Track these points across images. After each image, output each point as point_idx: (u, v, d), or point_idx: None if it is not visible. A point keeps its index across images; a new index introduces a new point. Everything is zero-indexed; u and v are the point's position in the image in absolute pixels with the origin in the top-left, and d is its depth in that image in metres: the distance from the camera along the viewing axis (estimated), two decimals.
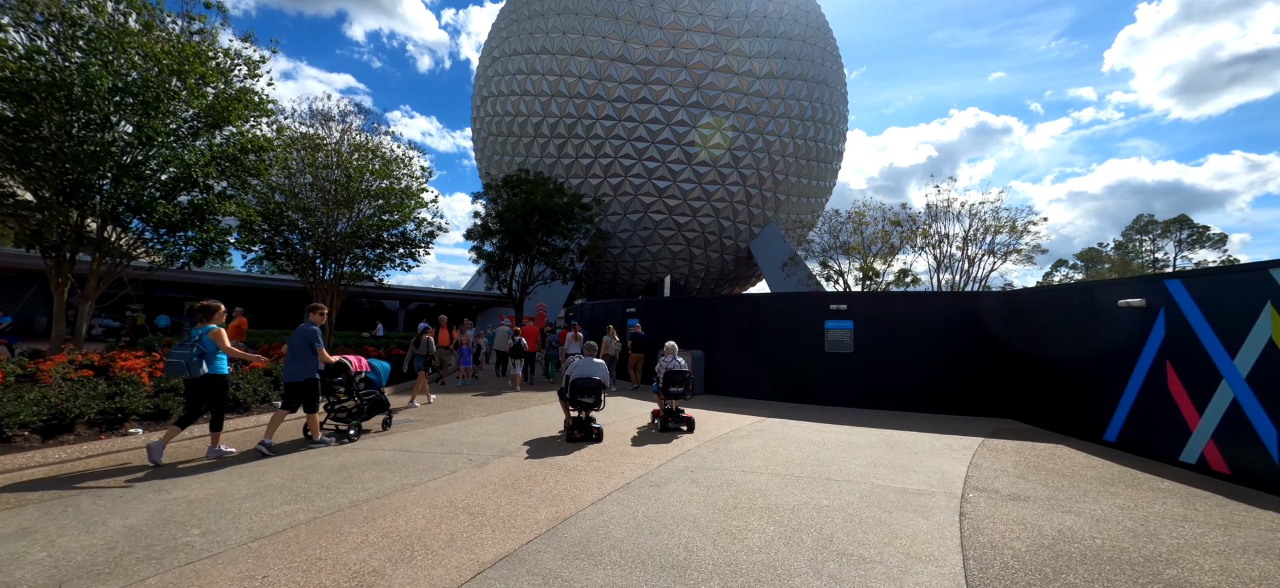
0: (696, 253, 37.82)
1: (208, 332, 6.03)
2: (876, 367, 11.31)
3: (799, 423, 9.34)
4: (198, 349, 5.89)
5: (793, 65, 36.17)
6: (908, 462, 6.74)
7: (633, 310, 15.26)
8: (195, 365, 5.83)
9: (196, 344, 5.92)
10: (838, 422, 9.60)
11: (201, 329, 6.06)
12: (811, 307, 12.02)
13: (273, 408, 8.72)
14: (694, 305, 14.00)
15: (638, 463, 6.30)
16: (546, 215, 25.78)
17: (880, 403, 11.21)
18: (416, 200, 13.70)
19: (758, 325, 12.51)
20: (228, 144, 9.78)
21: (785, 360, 12.14)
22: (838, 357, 11.61)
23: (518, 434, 7.85)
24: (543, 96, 35.39)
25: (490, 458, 6.42)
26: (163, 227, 9.27)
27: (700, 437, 7.94)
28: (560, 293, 33.30)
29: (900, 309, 11.37)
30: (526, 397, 11.93)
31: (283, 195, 12.40)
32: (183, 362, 5.79)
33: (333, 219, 13.00)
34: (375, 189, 12.78)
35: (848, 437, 8.23)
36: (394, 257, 14.53)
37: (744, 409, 10.81)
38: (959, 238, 31.01)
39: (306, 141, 12.50)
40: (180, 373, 5.81)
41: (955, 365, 10.81)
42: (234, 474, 5.53)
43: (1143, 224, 44.73)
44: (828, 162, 39.71)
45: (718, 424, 9.02)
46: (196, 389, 6.00)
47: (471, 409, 10.10)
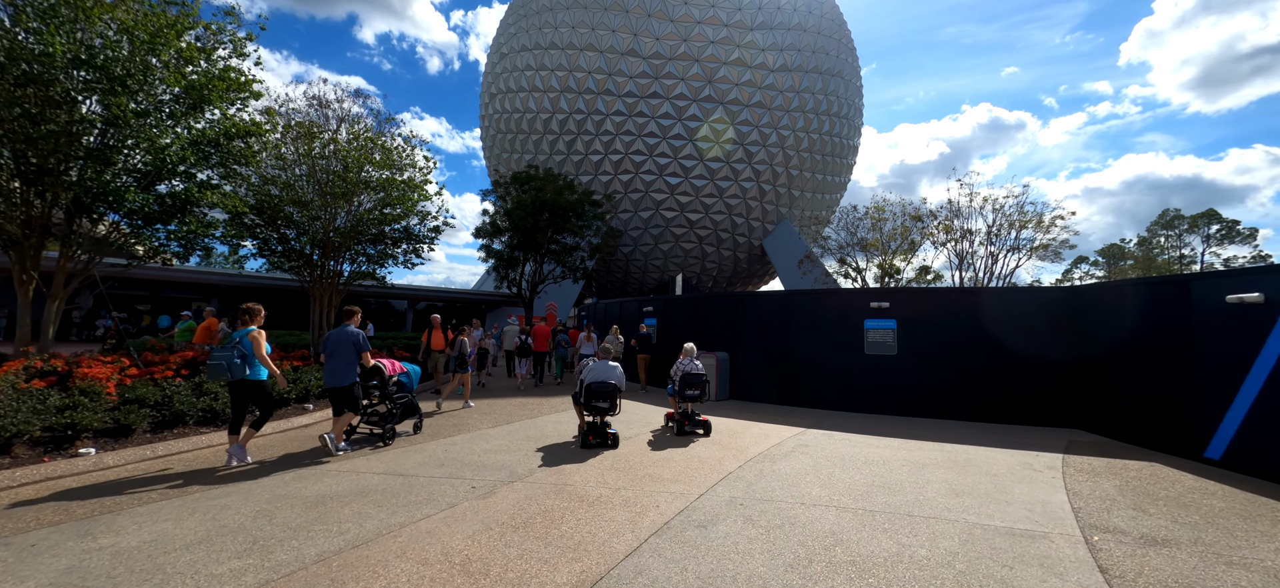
0: (709, 250, 36.64)
1: (248, 334, 5.89)
2: (922, 371, 10.14)
3: (845, 435, 8.20)
4: (238, 351, 5.75)
5: (807, 57, 34.89)
6: (991, 488, 5.60)
7: (650, 309, 14.16)
8: (237, 367, 5.69)
9: (237, 346, 5.77)
10: (887, 433, 8.45)
11: (242, 332, 5.93)
12: (850, 305, 10.86)
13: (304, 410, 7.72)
14: (717, 304, 12.88)
15: (673, 492, 5.21)
16: (556, 213, 24.74)
17: (927, 411, 10.04)
18: (420, 193, 12.69)
19: (789, 325, 11.37)
20: (211, 129, 8.80)
21: (820, 364, 10.99)
22: (879, 360, 10.45)
23: (529, 449, 6.79)
24: (552, 92, 34.35)
25: (497, 484, 5.36)
26: (136, 218, 8.29)
27: (738, 454, 6.84)
28: (570, 292, 32.28)
29: (948, 307, 10.19)
30: (537, 403, 10.87)
31: (278, 188, 11.42)
32: (224, 364, 5.65)
33: (331, 213, 12.01)
34: (376, 180, 11.77)
35: (907, 453, 7.08)
36: (397, 253, 13.52)
37: (778, 418, 9.68)
38: (981, 234, 29.67)
39: (301, 130, 11.51)
40: (221, 375, 5.68)
41: (1011, 369, 9.61)
42: (188, 508, 4.50)
43: (1169, 219, 42.97)
44: (842, 156, 38.37)
45: (754, 438, 7.90)
46: (239, 392, 5.93)
47: (478, 419, 9.05)
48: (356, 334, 6.59)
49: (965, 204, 29.77)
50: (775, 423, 9.17)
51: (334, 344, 6.55)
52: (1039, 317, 9.55)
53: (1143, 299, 8.02)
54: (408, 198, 12.41)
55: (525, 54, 35.46)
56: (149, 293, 26.50)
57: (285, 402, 8.56)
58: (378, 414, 7.10)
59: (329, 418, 8.39)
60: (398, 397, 7.25)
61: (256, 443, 6.92)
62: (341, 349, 6.51)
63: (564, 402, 11.05)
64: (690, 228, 35.43)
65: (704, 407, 10.53)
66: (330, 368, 6.50)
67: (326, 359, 6.55)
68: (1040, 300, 9.73)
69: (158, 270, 26.59)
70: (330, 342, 6.59)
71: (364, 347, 6.61)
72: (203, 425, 7.11)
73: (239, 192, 11.35)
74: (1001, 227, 29.44)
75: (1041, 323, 9.52)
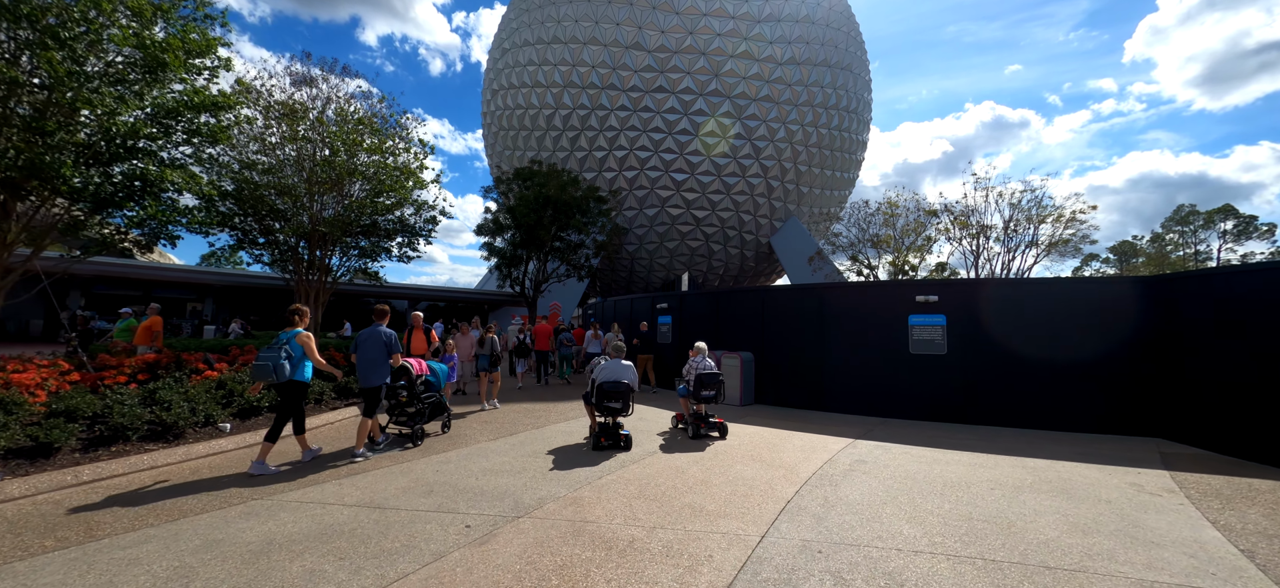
0: (715, 248, 35.40)
1: (295, 335, 5.67)
2: (977, 372, 8.91)
3: (904, 449, 6.97)
4: (285, 352, 5.53)
5: (815, 51, 33.67)
6: (1119, 522, 4.38)
7: (664, 306, 12.94)
8: (283, 369, 5.44)
9: (283, 347, 5.56)
10: (947, 444, 7.22)
11: (289, 333, 5.71)
12: (893, 299, 9.63)
13: (219, 431, 6.52)
14: (740, 300, 11.64)
15: (724, 532, 3.99)
16: (560, 209, 23.51)
17: (984, 417, 8.81)
18: (415, 180, 11.47)
19: (823, 323, 10.13)
20: (172, 100, 7.59)
21: (859, 365, 9.75)
22: (926, 360, 9.22)
23: (537, 468, 5.58)
24: (555, 88, 33.17)
25: (499, 520, 4.14)
26: (80, 200, 7.08)
27: (788, 474, 5.61)
28: (574, 292, 31.06)
29: (1005, 300, 8.95)
30: (544, 409, 9.65)
31: (259, 174, 10.21)
32: (269, 365, 5.40)
33: (321, 203, 10.81)
34: (365, 165, 10.57)
35: (988, 472, 5.85)
36: (391, 247, 12.31)
37: (816, 426, 8.46)
38: (998, 229, 28.45)
39: (284, 110, 10.32)
40: (266, 376, 5.42)
41: (1081, 370, 8.38)
42: (77, 569, 3.29)
43: (1183, 215, 41.58)
44: (851, 152, 37.11)
45: (799, 451, 6.67)
46: (286, 394, 5.70)
47: (478, 429, 7.84)
48: (389, 334, 6.44)
49: (979, 200, 28.60)
50: (816, 432, 7.94)
51: (365, 344, 6.34)
52: (1111, 311, 8.32)
53: (1257, 289, 6.79)
54: (402, 186, 11.20)
55: (528, 49, 34.31)
56: (142, 292, 25.32)
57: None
58: (407, 414, 6.84)
59: (309, 428, 7.21)
60: (426, 396, 7.01)
61: (225, 459, 5.72)
62: (373, 350, 6.30)
63: (572, 407, 9.84)
64: (696, 225, 34.23)
65: (726, 412, 9.34)
66: (361, 368, 6.29)
67: (357, 359, 6.34)
68: (1113, 292, 8.49)
69: (150, 269, 25.41)
70: (361, 342, 6.38)
71: (395, 347, 6.45)
72: (149, 442, 5.90)
73: (216, 177, 10.16)
74: (1018, 222, 28.24)
75: (1114, 318, 8.29)
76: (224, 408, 6.98)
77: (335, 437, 7.09)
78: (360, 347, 6.36)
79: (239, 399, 7.19)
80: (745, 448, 6.81)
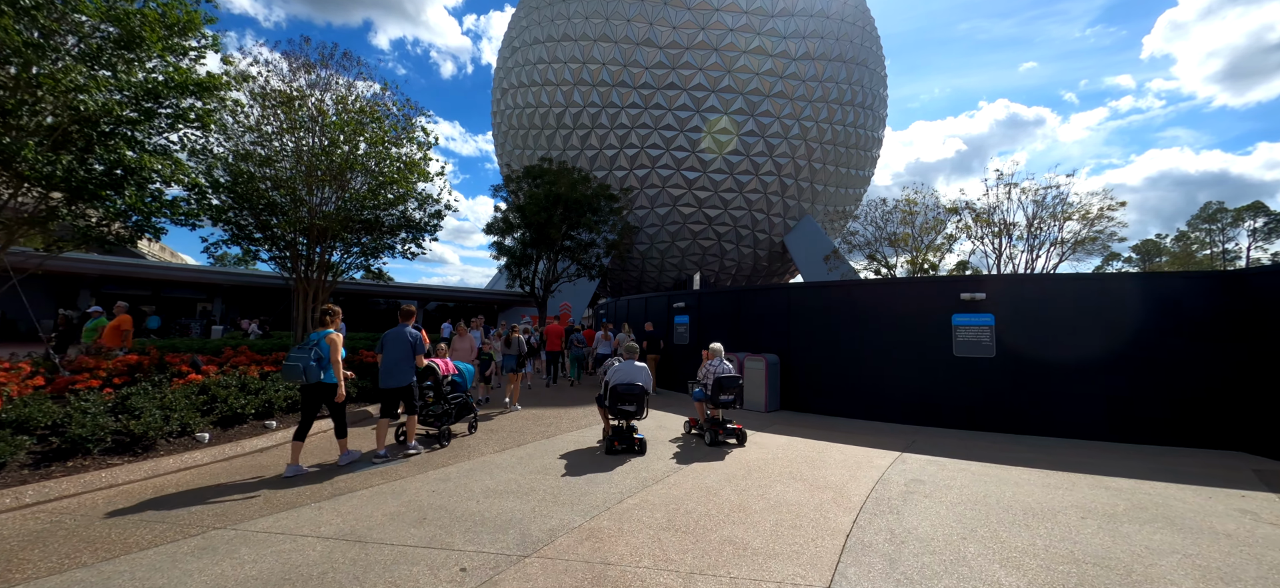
0: (727, 248, 34.53)
1: (325, 336, 5.54)
2: (1029, 377, 8.02)
3: (959, 464, 6.12)
4: (315, 353, 5.40)
5: (830, 45, 32.71)
6: (1255, 567, 3.53)
7: (681, 305, 12.14)
8: (312, 370, 5.32)
9: (314, 348, 5.44)
10: (1006, 459, 6.36)
11: (320, 333, 5.57)
12: (933, 297, 8.76)
13: (196, 442, 5.83)
14: (764, 298, 10.80)
15: (780, 581, 3.19)
16: (571, 207, 22.79)
17: (1036, 427, 7.92)
18: (419, 173, 10.77)
19: (856, 322, 9.28)
20: (152, 81, 6.93)
21: (896, 369, 8.89)
22: (972, 363, 8.34)
23: (547, 488, 4.82)
24: (565, 85, 32.50)
25: (501, 562, 3.38)
26: (51, 187, 6.43)
27: (838, 497, 4.80)
28: (585, 291, 30.37)
29: (1061, 298, 8.05)
30: (554, 416, 8.90)
31: (256, 164, 9.55)
32: (299, 366, 5.28)
33: (322, 196, 10.16)
34: (364, 155, 9.88)
35: (1069, 496, 4.99)
36: (394, 243, 11.62)
37: (855, 436, 7.62)
38: (1021, 227, 27.32)
39: (280, 98, 9.66)
40: (297, 377, 5.31)
41: (1150, 376, 7.47)
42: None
43: (1211, 212, 39.94)
44: (866, 149, 36.06)
45: (844, 468, 5.84)
46: (312, 396, 5.51)
47: (482, 440, 7.09)
48: (414, 334, 6.28)
49: (1001, 197, 27.51)
50: (855, 443, 7.11)
51: (390, 344, 6.21)
52: (1194, 310, 7.40)
53: None
54: (405, 179, 10.50)
55: (537, 46, 33.69)
56: (150, 292, 24.98)
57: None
58: (434, 415, 6.65)
59: (289, 441, 6.51)
60: (452, 397, 6.86)
61: (196, 475, 5.02)
62: (398, 349, 6.16)
63: (584, 413, 9.08)
64: (708, 224, 33.40)
65: (750, 419, 8.54)
66: (385, 368, 6.17)
67: (382, 359, 6.21)
68: (1189, 288, 7.57)
69: (159, 268, 25.06)
70: (386, 342, 6.25)
71: (420, 348, 6.32)
72: (114, 455, 5.21)
73: (209, 168, 9.53)
74: (1044, 219, 27.11)
75: (1190, 317, 7.38)
76: (204, 416, 6.30)
77: (322, 445, 6.38)
78: (385, 347, 6.22)
79: (222, 406, 6.51)
80: (781, 464, 6.00)
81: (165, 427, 5.66)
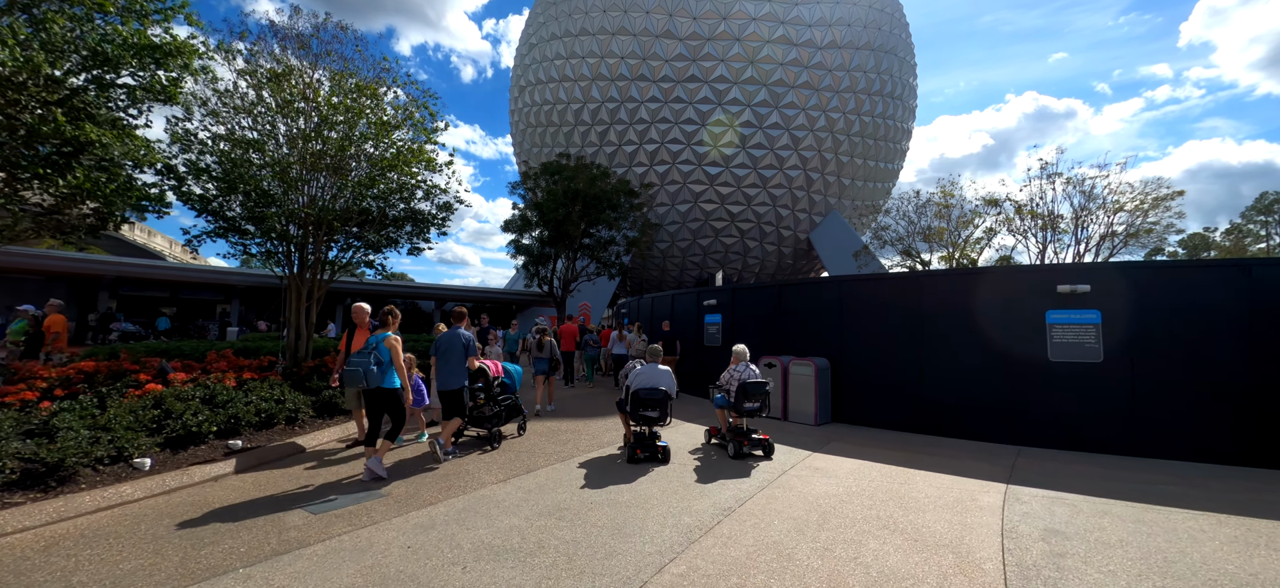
0: (751, 245, 32.94)
1: (385, 339, 5.24)
2: (1148, 387, 6.44)
3: (1096, 503, 4.61)
4: (375, 357, 5.10)
5: (857, 33, 30.90)
6: None
7: (711, 303, 10.74)
8: (372, 375, 5.04)
9: (373, 351, 5.14)
10: (1145, 495, 4.83)
11: (379, 336, 5.27)
12: (1021, 289, 7.22)
13: (133, 471, 4.67)
14: (810, 294, 9.34)
15: None
16: (589, 204, 21.56)
17: (1156, 448, 6.34)
18: (425, 159, 9.57)
19: (922, 321, 7.78)
20: (108, 44, 5.84)
21: (974, 375, 7.38)
22: (1072, 369, 6.79)
23: (559, 543, 3.49)
24: (583, 81, 31.33)
25: None
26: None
27: (965, 566, 3.37)
28: (604, 290, 29.12)
29: (1192, 288, 6.45)
30: (571, 430, 7.61)
31: (241, 148, 8.45)
32: (360, 371, 5.01)
33: (322, 186, 9.04)
34: (360, 138, 8.72)
35: None
36: (400, 237, 10.46)
37: (934, 459, 6.15)
38: (1067, 219, 25.23)
39: (268, 75, 8.56)
40: (357, 382, 5.06)
41: None
42: None
43: (1267, 203, 36.82)
44: (895, 141, 34.10)
45: (938, 506, 4.39)
46: (375, 401, 5.25)
47: (484, 465, 5.83)
48: (467, 337, 6.14)
49: (1044, 188, 25.49)
50: (941, 470, 5.65)
51: (444, 347, 6.07)
52: None
53: None
54: (407, 164, 9.31)
55: (555, 42, 32.59)
56: (169, 293, 24.48)
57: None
58: (485, 417, 6.52)
59: (259, 463, 5.35)
60: (502, 399, 6.76)
61: (115, 517, 3.85)
62: (452, 352, 6.01)
63: (604, 426, 7.79)
64: (731, 221, 31.89)
65: (801, 435, 7.15)
66: (441, 372, 6.07)
67: (437, 363, 6.13)
68: None
69: (176, 269, 24.56)
70: (440, 345, 6.11)
71: (473, 350, 6.16)
72: (16, 490, 4.06)
73: (200, 152, 8.47)
74: (1092, 211, 25.00)
75: None
76: (151, 435, 5.15)
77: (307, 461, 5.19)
78: (439, 349, 6.11)
79: (176, 422, 5.36)
80: (862, 503, 4.58)
81: (91, 452, 4.50)
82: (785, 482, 5.15)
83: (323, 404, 7.15)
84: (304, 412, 6.74)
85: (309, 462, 5.63)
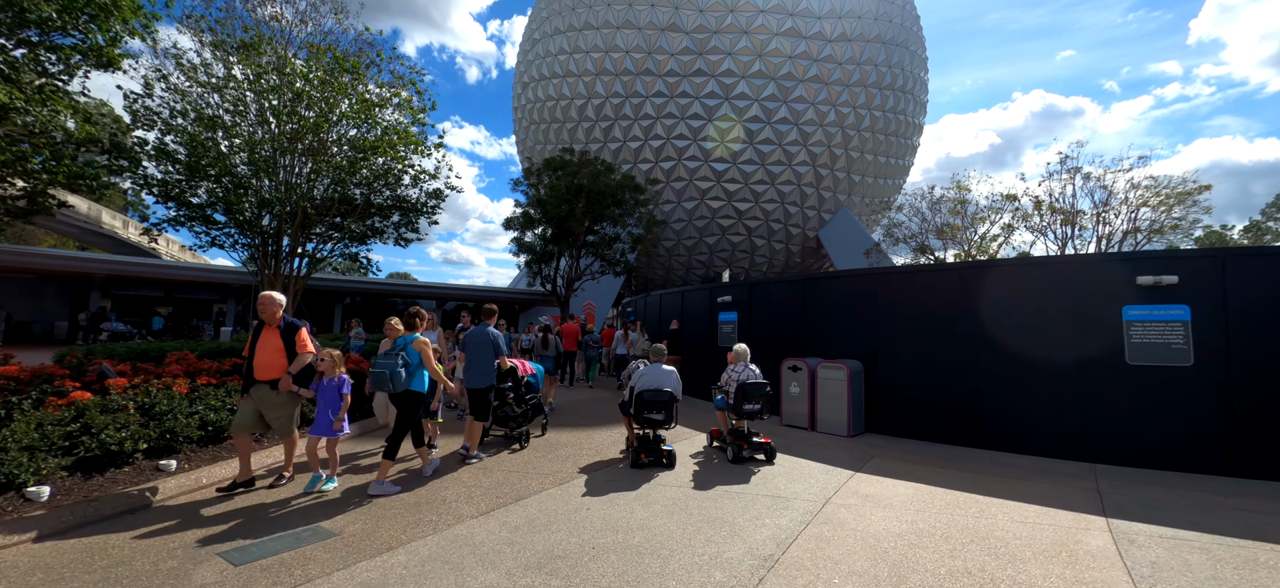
0: (758, 243, 31.88)
1: (412, 341, 4.89)
2: (1250, 395, 5.39)
3: (1226, 547, 3.57)
4: (402, 359, 4.74)
5: (867, 26, 29.81)
6: None
7: (727, 300, 9.72)
8: (399, 378, 4.65)
9: (400, 353, 4.77)
10: (1275, 531, 3.80)
11: (406, 338, 4.90)
12: (1091, 281, 6.18)
13: (23, 503, 3.73)
14: (840, 288, 8.30)
15: None
16: (593, 199, 20.57)
17: (1263, 468, 5.29)
18: (416, 145, 8.61)
19: (974, 318, 6.75)
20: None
21: (1034, 380, 6.33)
22: (1155, 374, 5.75)
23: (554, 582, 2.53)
24: (587, 76, 30.37)
25: None
26: None
27: None
28: (609, 289, 28.16)
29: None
30: (571, 443, 6.63)
31: (207, 128, 7.52)
32: (386, 373, 4.63)
33: (297, 171, 8.11)
34: (341, 117, 7.77)
35: None
36: (386, 228, 9.52)
37: (1001, 483, 5.11)
38: (1089, 215, 24.07)
39: (236, 44, 7.63)
40: (383, 385, 4.64)
41: None
42: None
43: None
44: (906, 136, 32.95)
45: (1040, 553, 3.35)
46: (403, 404, 4.88)
47: (463, 490, 4.84)
48: (497, 335, 5.94)
49: (1064, 182, 24.35)
50: (1015, 496, 4.61)
51: (473, 345, 5.84)
52: None
53: None
54: (395, 150, 8.36)
55: (558, 37, 31.67)
56: (163, 292, 23.65)
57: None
58: (510, 417, 6.28)
59: (195, 487, 4.38)
60: (529, 399, 6.54)
61: None
62: (481, 350, 5.80)
63: (605, 430, 6.81)
64: (738, 219, 30.85)
65: (833, 451, 6.14)
66: (469, 370, 5.82)
67: (467, 361, 5.85)
68: None
69: (171, 267, 23.71)
70: (469, 342, 5.88)
71: (503, 349, 5.96)
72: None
73: (161, 136, 7.55)
74: (1114, 206, 23.83)
75: None
76: (60, 457, 4.19)
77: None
78: (467, 347, 5.89)
79: (93, 440, 4.40)
80: (939, 549, 3.56)
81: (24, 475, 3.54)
82: (834, 516, 4.13)
83: None
84: None
85: (258, 482, 4.67)
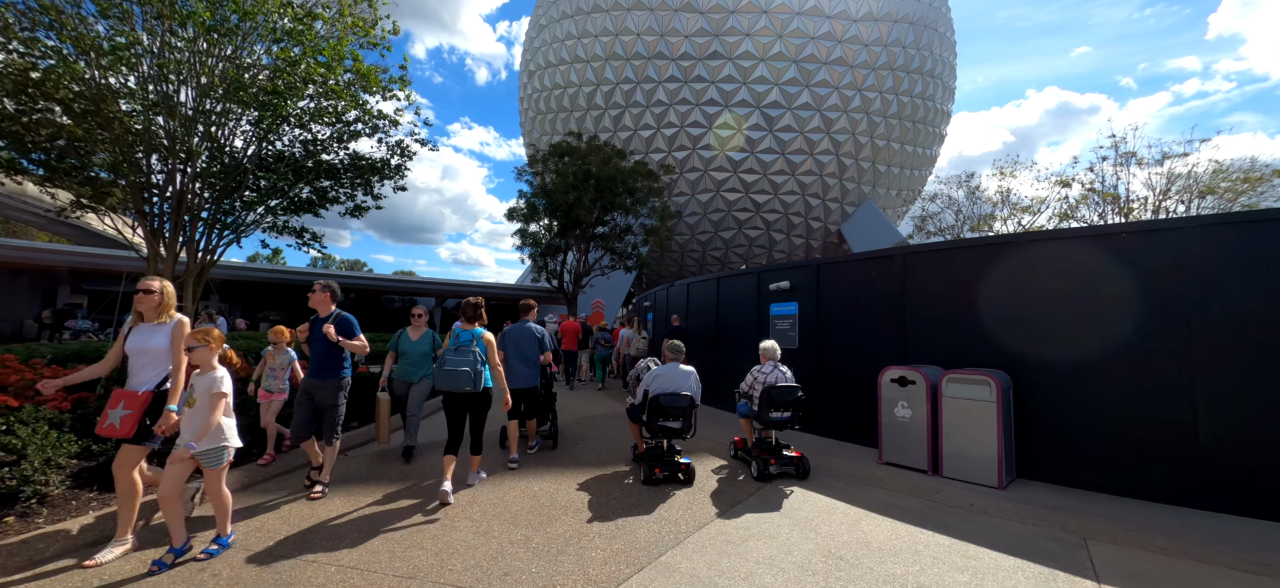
0: (777, 238, 29.34)
1: (480, 335, 4.37)
2: None
3: None
4: (475, 355, 4.24)
5: (895, 5, 27.22)
6: None
7: (783, 287, 7.22)
8: (480, 376, 4.22)
9: (471, 350, 4.26)
10: None
11: (471, 332, 4.37)
12: None
13: None
14: (960, 263, 5.68)
15: None
16: (603, 187, 18.10)
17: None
18: (362, 73, 6.18)
19: (1192, 309, 4.23)
20: None
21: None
22: None
23: None
24: (596, 61, 27.99)
25: None
26: None
27: None
28: (620, 285, 25.73)
29: None
30: (572, 450, 4.22)
31: (64, 43, 5.13)
32: (469, 372, 4.15)
33: (189, 104, 5.73)
34: (244, 18, 5.36)
35: None
36: (339, 193, 7.12)
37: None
38: (1145, 200, 21.41)
39: None
40: (463, 385, 4.15)
41: None
42: None
43: None
44: (934, 124, 30.29)
45: None
46: (474, 406, 4.45)
47: (436, 536, 2.48)
48: (541, 332, 5.48)
49: (1116, 168, 21.68)
50: None
51: (514, 343, 5.34)
52: None
53: None
54: (329, 79, 5.93)
55: (566, 21, 29.31)
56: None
57: None
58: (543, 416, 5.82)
59: None
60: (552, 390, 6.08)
61: None
62: (527, 347, 5.35)
63: (608, 435, 4.39)
64: (756, 212, 28.33)
65: (984, 509, 3.65)
66: (513, 370, 5.26)
67: (509, 359, 5.30)
68: None
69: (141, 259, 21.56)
70: (509, 338, 5.36)
71: (547, 346, 5.50)
72: None
73: None
74: (1171, 193, 21.12)
75: None
76: None
77: None
78: (507, 344, 5.34)
79: None
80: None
81: None
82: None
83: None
84: (57, 480, 3.32)
85: None
